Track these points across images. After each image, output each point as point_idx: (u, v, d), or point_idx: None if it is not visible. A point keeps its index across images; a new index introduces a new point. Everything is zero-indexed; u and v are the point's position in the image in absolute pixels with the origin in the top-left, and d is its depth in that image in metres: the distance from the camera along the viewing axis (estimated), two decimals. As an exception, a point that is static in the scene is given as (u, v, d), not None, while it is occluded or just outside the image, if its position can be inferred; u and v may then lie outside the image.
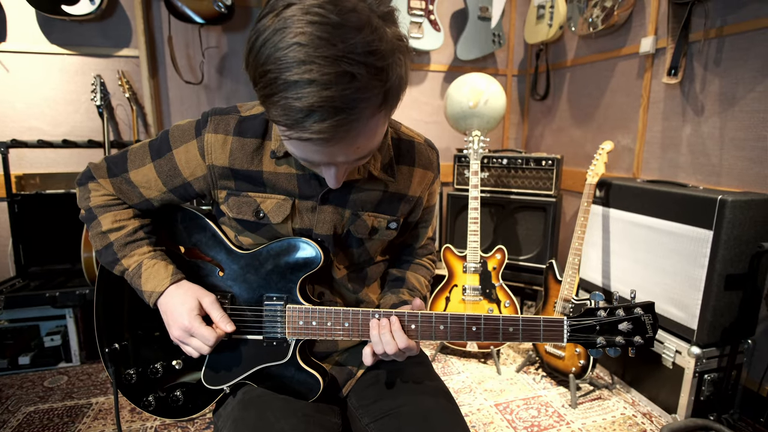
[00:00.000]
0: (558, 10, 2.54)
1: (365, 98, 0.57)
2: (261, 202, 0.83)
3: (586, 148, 2.62)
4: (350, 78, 0.54)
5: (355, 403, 0.90)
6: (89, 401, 1.84)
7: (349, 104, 0.56)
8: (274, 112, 0.58)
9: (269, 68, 0.56)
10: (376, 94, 0.58)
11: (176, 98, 2.52)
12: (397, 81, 0.60)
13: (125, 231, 0.85)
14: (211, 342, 0.77)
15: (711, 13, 1.82)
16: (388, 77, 0.58)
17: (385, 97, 0.60)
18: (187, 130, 0.83)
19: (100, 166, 0.87)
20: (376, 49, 0.55)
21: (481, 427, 1.72)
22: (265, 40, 0.56)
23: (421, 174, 0.91)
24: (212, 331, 0.77)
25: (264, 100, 0.60)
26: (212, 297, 0.81)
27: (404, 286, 0.96)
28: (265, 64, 0.56)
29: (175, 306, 0.79)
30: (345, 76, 0.54)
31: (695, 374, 1.64)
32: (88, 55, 2.32)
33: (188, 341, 0.79)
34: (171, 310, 0.80)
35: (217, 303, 0.81)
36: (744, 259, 1.58)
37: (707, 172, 1.92)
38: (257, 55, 0.57)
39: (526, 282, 2.47)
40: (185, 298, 0.79)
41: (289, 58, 0.54)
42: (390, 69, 0.58)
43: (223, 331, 0.79)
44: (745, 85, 1.74)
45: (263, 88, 0.58)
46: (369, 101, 0.58)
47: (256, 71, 0.58)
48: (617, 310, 0.76)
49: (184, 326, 0.78)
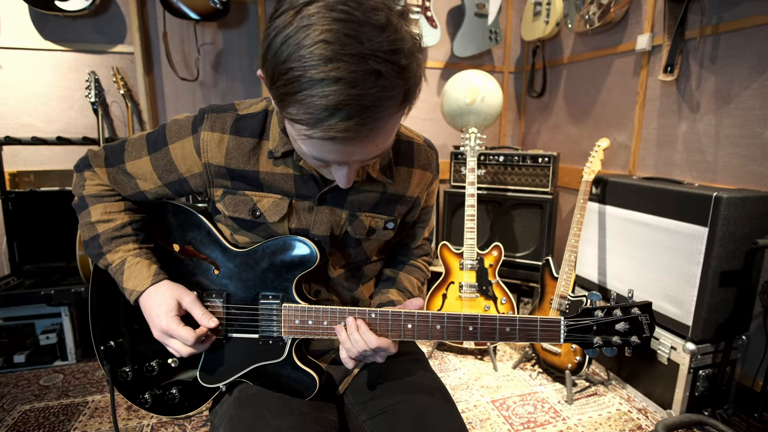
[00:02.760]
0: (555, 7, 2.53)
1: (389, 96, 0.57)
2: (258, 200, 0.82)
3: (582, 145, 2.62)
4: (377, 76, 0.54)
5: (352, 401, 0.90)
6: (85, 399, 1.83)
7: (375, 102, 0.56)
8: (295, 111, 0.57)
9: (292, 65, 0.54)
10: (399, 93, 0.58)
11: (171, 95, 2.50)
12: (416, 80, 0.60)
13: (114, 225, 0.84)
14: (190, 341, 0.77)
15: (707, 10, 1.82)
16: (409, 76, 0.58)
17: (406, 95, 0.60)
18: (184, 125, 0.82)
19: (99, 154, 0.87)
20: (400, 48, 0.55)
21: (478, 423, 1.73)
22: (287, 38, 0.55)
23: (420, 175, 0.90)
24: (190, 330, 0.77)
25: (283, 98, 0.58)
26: (192, 295, 0.81)
27: (394, 286, 0.96)
28: (287, 62, 0.55)
29: (153, 307, 0.80)
30: (372, 74, 0.54)
31: (690, 370, 1.65)
32: (82, 52, 2.30)
33: (168, 342, 0.79)
34: (150, 311, 0.80)
35: (198, 301, 0.81)
36: (738, 255, 1.59)
37: (703, 169, 1.93)
38: (277, 53, 0.56)
39: (522, 279, 2.47)
40: (163, 299, 0.79)
41: (314, 56, 0.53)
42: (410, 68, 0.58)
43: (205, 327, 0.79)
44: (740, 83, 1.75)
45: (284, 86, 0.56)
46: (392, 99, 0.58)
47: (275, 69, 0.57)
48: (614, 310, 0.76)
49: (162, 327, 0.78)
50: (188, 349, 0.78)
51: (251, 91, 2.62)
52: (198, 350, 0.80)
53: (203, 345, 0.81)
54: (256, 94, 2.60)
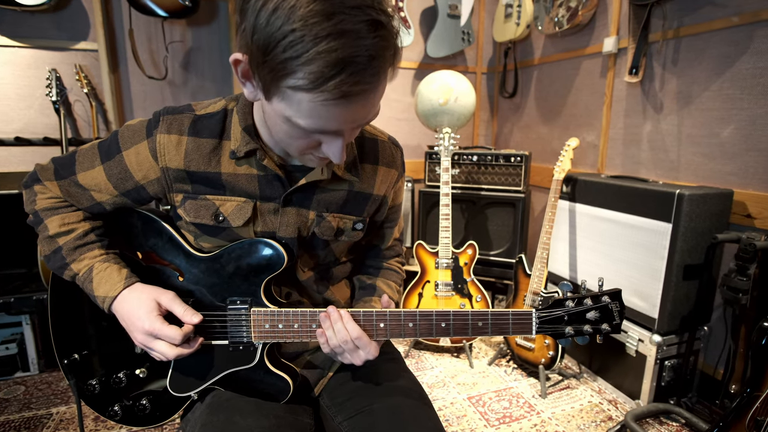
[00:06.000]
0: (525, 9, 2.58)
1: (388, 46, 0.58)
2: (220, 205, 0.79)
3: (553, 145, 2.68)
4: (377, 26, 0.55)
5: (328, 402, 0.89)
6: (49, 411, 1.75)
7: (379, 52, 0.56)
8: (300, 76, 0.55)
9: (293, 27, 0.53)
10: (392, 45, 0.59)
11: (139, 94, 2.42)
12: (399, 39, 0.61)
13: (74, 234, 0.80)
14: (177, 340, 0.74)
15: (669, 14, 1.89)
16: (397, 30, 0.59)
17: (395, 50, 0.60)
18: (138, 130, 0.79)
19: (47, 167, 0.82)
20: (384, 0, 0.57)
21: (455, 420, 1.75)
22: (278, 3, 0.54)
23: (385, 172, 0.89)
24: (176, 329, 0.74)
25: (282, 67, 0.56)
26: (171, 294, 0.78)
27: (375, 293, 0.95)
28: (284, 25, 0.53)
29: (132, 310, 0.76)
30: (373, 24, 0.55)
31: (656, 361, 1.71)
32: (41, 48, 2.20)
33: (153, 345, 0.75)
34: (129, 315, 0.76)
35: (177, 298, 0.78)
36: (700, 250, 1.66)
37: (666, 168, 2.00)
38: (270, 22, 0.54)
39: (496, 276, 2.51)
40: (141, 301, 0.76)
41: (314, 13, 0.52)
42: (396, 22, 0.59)
43: (190, 325, 0.76)
44: (700, 85, 1.82)
45: (283, 52, 0.54)
46: (390, 50, 0.58)
47: (270, 39, 0.55)
48: (585, 300, 0.77)
49: (146, 329, 0.74)
50: (176, 350, 0.75)
51: (223, 89, 2.57)
52: (186, 351, 0.76)
53: (190, 346, 0.77)
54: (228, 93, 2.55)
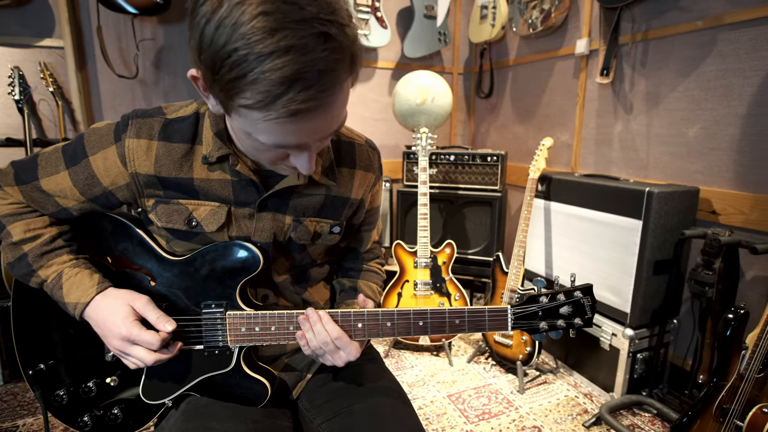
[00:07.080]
0: (500, 11, 2.62)
1: (340, 59, 0.55)
2: (193, 209, 0.77)
3: (528, 144, 2.73)
4: (326, 38, 0.53)
5: (307, 405, 0.88)
6: (15, 423, 1.68)
7: (329, 66, 0.54)
8: (248, 95, 0.54)
9: (236, 46, 0.51)
10: (347, 55, 0.57)
11: (108, 93, 2.35)
12: (358, 43, 0.59)
13: (41, 240, 0.77)
14: (155, 346, 0.71)
15: (637, 18, 1.95)
16: (353, 37, 0.57)
17: (352, 59, 0.58)
18: (105, 134, 0.76)
19: (6, 171, 0.78)
20: (339, 8, 0.55)
21: (435, 418, 1.76)
22: (221, 20, 0.51)
23: (362, 176, 0.89)
24: (154, 334, 0.72)
25: (231, 86, 0.54)
26: (145, 298, 0.75)
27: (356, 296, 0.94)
28: (227, 44, 0.52)
29: (106, 316, 0.73)
30: (320, 37, 0.52)
31: (629, 354, 1.76)
32: (3, 45, 2.10)
33: (130, 350, 0.72)
34: (103, 321, 0.73)
35: (152, 303, 0.75)
36: (669, 246, 1.72)
37: (637, 166, 2.06)
38: (214, 40, 0.52)
39: (474, 275, 2.54)
40: (116, 306, 0.73)
41: (258, 30, 0.50)
42: (352, 28, 0.57)
43: (164, 331, 0.73)
44: (667, 86, 1.88)
45: (229, 71, 0.53)
46: (343, 62, 0.56)
47: (215, 57, 0.53)
48: (558, 295, 0.79)
49: (122, 335, 0.71)
50: (153, 355, 0.72)
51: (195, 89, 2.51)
52: (164, 357, 0.74)
53: (169, 351, 0.74)
54: (202, 93, 2.50)
